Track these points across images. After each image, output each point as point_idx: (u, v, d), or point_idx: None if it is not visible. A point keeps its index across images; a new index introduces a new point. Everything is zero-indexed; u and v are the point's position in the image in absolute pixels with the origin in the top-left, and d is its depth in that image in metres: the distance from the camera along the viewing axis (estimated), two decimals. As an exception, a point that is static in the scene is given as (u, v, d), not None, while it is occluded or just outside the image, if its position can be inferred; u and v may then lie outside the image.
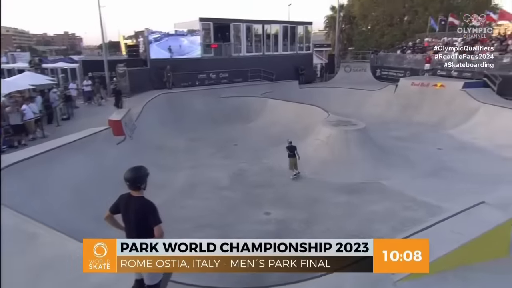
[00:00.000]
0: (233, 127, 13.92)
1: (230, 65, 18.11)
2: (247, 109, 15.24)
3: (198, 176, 9.01)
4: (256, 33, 19.70)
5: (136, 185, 3.04)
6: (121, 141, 8.89)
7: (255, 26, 19.45)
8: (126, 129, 9.53)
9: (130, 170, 3.06)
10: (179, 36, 17.20)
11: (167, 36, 16.78)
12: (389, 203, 7.33)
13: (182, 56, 16.96)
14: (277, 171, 9.33)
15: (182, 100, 14.57)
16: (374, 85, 18.76)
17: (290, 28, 20.72)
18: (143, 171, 3.10)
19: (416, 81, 16.18)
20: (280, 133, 12.67)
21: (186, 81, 16.94)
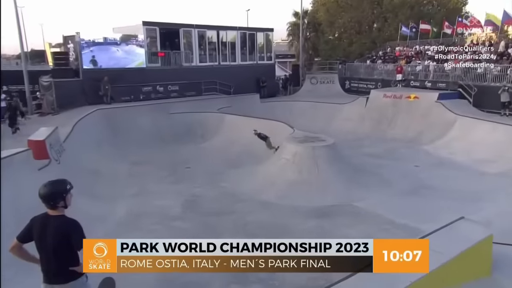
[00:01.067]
0: (185, 147, 13.86)
1: (180, 76, 18.26)
2: (201, 126, 15.31)
3: (143, 205, 8.80)
4: (210, 40, 20.20)
5: (51, 203, 2.91)
6: (44, 165, 8.37)
7: (208, 32, 19.97)
8: (52, 151, 9.11)
9: (45, 185, 2.94)
10: (110, 45, 16.93)
11: (93, 45, 16.38)
12: (364, 226, 7.56)
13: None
14: (238, 196, 9.36)
15: (123, 117, 14.31)
16: (344, 98, 19.84)
17: (249, 35, 21.57)
18: (63, 186, 2.98)
19: (388, 93, 17.37)
20: (240, 153, 12.92)
21: (128, 95, 16.74)
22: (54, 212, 2.97)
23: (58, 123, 11.78)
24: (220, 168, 11.81)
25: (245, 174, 11.06)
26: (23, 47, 15.66)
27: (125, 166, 11.72)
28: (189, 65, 19.05)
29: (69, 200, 3.03)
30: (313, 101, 19.50)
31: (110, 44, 16.97)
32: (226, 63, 20.59)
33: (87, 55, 16.14)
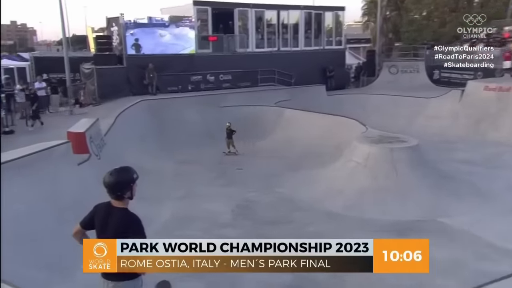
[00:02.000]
0: (238, 145, 14.08)
1: (234, 64, 18.61)
2: (256, 122, 15.47)
3: (190, 209, 9.12)
4: (269, 23, 20.34)
5: (117, 193, 3.15)
6: (83, 160, 9.00)
7: (267, 13, 20.13)
8: (92, 145, 9.78)
9: (111, 173, 3.17)
10: (156, 27, 17.61)
11: (135, 27, 17.14)
12: (455, 249, 7.19)
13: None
14: (296, 204, 9.39)
15: (169, 110, 14.94)
16: (431, 91, 18.90)
17: (315, 15, 21.37)
18: (129, 174, 3.19)
19: (492, 85, 16.17)
20: (300, 154, 12.91)
21: (175, 85, 17.45)
22: (119, 204, 3.20)
23: (100, 114, 12.66)
24: (276, 170, 11.87)
25: (306, 178, 11.02)
26: (65, 32, 17.04)
27: (171, 165, 12.25)
28: (244, 51, 19.35)
29: (135, 190, 3.25)
30: (392, 94, 18.82)
31: (156, 26, 17.73)
32: (286, 48, 20.60)
33: (129, 38, 17.08)
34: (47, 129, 12.29)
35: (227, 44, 18.93)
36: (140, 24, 17.42)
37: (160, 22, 17.94)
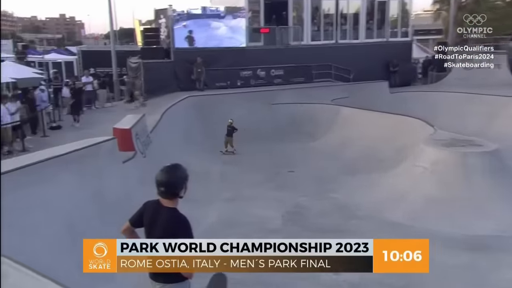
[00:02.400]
0: (290, 146, 14.14)
1: (287, 58, 18.62)
2: (310, 121, 15.47)
3: (238, 212, 9.21)
4: (326, 13, 20.15)
5: (172, 192, 3.26)
6: (129, 158, 9.35)
7: (325, 2, 19.95)
8: (138, 142, 10.17)
9: (164, 171, 3.28)
10: (210, 18, 17.94)
11: (187, 19, 17.52)
12: None
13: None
14: (353, 211, 9.26)
15: (217, 107, 15.28)
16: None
17: (379, 4, 20.87)
18: (184, 172, 3.32)
19: None
20: (357, 156, 12.73)
21: (223, 80, 17.79)
22: (169, 203, 3.30)
23: (146, 111, 13.15)
24: (331, 174, 11.79)
25: (364, 183, 10.84)
26: (113, 25, 17.93)
27: (217, 165, 12.49)
28: (298, 44, 19.31)
29: (187, 189, 3.38)
30: (466, 92, 18.01)
31: (211, 17, 18.06)
32: (345, 41, 20.27)
33: (180, 31, 17.55)
34: (93, 125, 12.95)
35: (279, 37, 18.97)
36: (193, 15, 17.85)
37: (214, 13, 18.21)
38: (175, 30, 17.50)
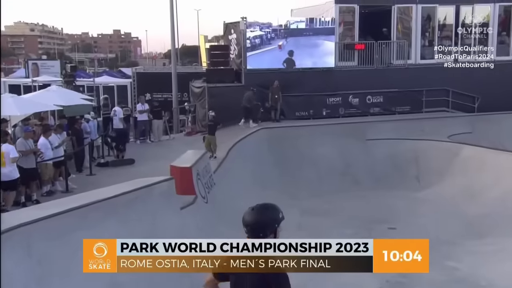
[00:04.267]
0: (390, 194, 14.05)
1: (388, 81, 18.80)
2: (417, 163, 15.31)
3: (319, 282, 9.19)
4: (442, 23, 20.10)
5: (259, 234, 3.56)
6: (188, 204, 9.76)
7: (441, 9, 19.95)
8: (199, 184, 10.64)
9: (252, 211, 3.58)
10: (309, 35, 18.57)
11: (285, 37, 18.37)
12: None
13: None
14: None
15: (296, 142, 15.62)
16: None
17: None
18: (276, 213, 3.60)
19: None
20: (487, 211, 12.36)
21: (305, 109, 18.24)
22: None
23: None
24: (448, 234, 11.47)
25: (496, 250, 10.44)
26: (174, 42, 19.02)
27: (294, 214, 12.50)
28: (404, 63, 19.39)
29: (279, 234, 3.70)
30: None
31: (309, 32, 18.81)
32: (468, 58, 19.89)
33: (274, 53, 18.50)
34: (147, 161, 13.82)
35: (379, 55, 19.22)
36: (293, 30, 18.86)
37: (309, 28, 19.02)
38: (261, 48, 18.43)
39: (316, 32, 18.77)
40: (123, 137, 15.53)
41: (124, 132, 15.74)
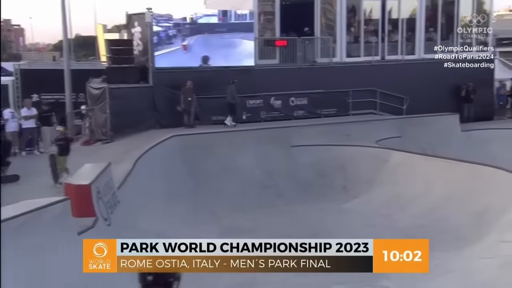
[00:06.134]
0: (317, 206, 14.15)
1: (312, 81, 18.97)
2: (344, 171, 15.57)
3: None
4: (368, 17, 20.70)
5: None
6: (87, 228, 9.34)
7: (366, 3, 20.52)
8: (100, 204, 10.26)
9: None
10: (222, 31, 18.33)
11: (192, 34, 17.95)
12: None
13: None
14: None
15: (213, 150, 15.41)
16: None
17: (443, 4, 21.46)
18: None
19: None
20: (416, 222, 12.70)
21: (222, 113, 17.95)
22: None
23: (111, 157, 13.23)
24: (378, 249, 11.65)
25: (432, 266, 10.47)
26: (66, 32, 17.81)
27: (212, 234, 12.24)
28: (329, 61, 19.68)
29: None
30: None
31: (222, 27, 18.51)
32: (396, 57, 20.71)
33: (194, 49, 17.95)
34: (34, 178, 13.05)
35: (302, 52, 19.37)
36: (204, 25, 18.43)
37: (223, 23, 18.75)
38: (156, 43, 17.92)
39: (232, 28, 18.52)
40: (5, 148, 14.60)
41: (5, 142, 14.80)
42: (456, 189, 13.34)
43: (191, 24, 18.42)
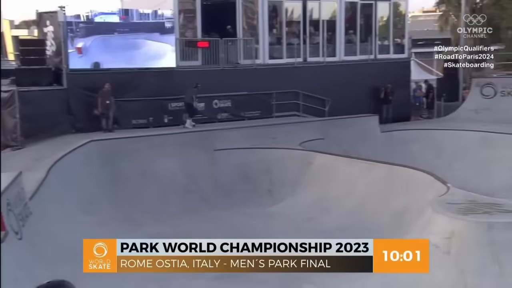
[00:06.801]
0: (242, 211, 14.13)
1: (236, 83, 18.95)
2: (269, 174, 15.60)
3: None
4: (290, 19, 20.83)
5: None
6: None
7: (288, 4, 20.65)
8: (10, 216, 9.77)
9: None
10: (125, 29, 17.80)
11: (94, 32, 17.18)
12: None
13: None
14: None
15: (134, 156, 15.09)
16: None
17: (362, 7, 21.90)
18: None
19: None
20: (339, 224, 12.82)
21: (143, 116, 17.75)
22: None
23: (22, 165, 12.65)
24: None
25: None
26: None
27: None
28: (252, 63, 19.71)
29: None
30: (486, 130, 18.93)
31: (124, 27, 17.91)
32: (317, 59, 20.97)
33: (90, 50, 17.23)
34: None
35: (225, 53, 19.31)
36: (103, 24, 17.66)
37: (124, 22, 18.10)
38: (70, 42, 17.27)
39: (135, 28, 17.95)
40: None
41: None
42: (377, 190, 13.64)
43: (86, 23, 17.48)
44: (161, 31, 18.25)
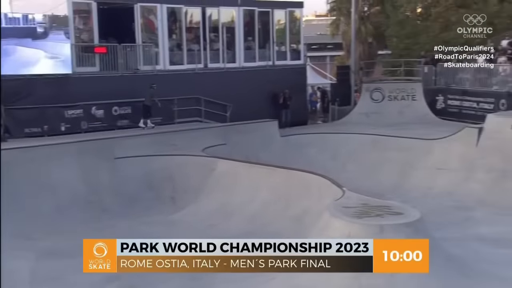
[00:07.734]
0: (143, 220, 13.93)
1: (135, 90, 18.68)
2: (171, 181, 15.55)
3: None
4: (190, 25, 20.88)
5: None
6: None
7: (186, 10, 20.69)
8: None
9: None
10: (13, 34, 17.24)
11: None
12: None
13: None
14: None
15: (27, 167, 14.48)
16: (435, 128, 19.81)
17: (260, 14, 22.31)
18: None
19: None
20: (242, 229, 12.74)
21: (37, 124, 17.20)
22: None
23: None
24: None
25: (256, 275, 10.80)
26: None
27: (28, 260, 11.53)
28: (152, 69, 19.59)
29: None
30: (376, 133, 19.67)
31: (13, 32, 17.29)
32: (217, 65, 21.13)
33: None
34: None
35: (123, 59, 19.05)
36: None
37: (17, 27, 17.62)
38: None
39: (6, 33, 17.16)
40: None
41: None
42: (277, 195, 13.85)
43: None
44: (33, 37, 17.70)
